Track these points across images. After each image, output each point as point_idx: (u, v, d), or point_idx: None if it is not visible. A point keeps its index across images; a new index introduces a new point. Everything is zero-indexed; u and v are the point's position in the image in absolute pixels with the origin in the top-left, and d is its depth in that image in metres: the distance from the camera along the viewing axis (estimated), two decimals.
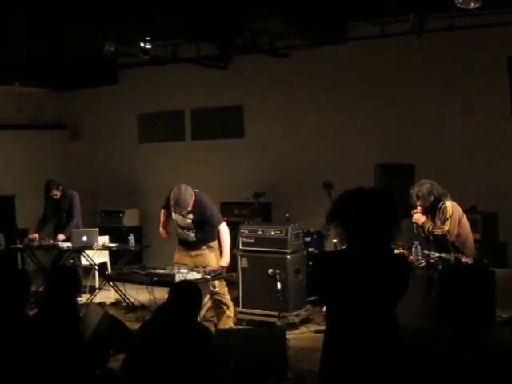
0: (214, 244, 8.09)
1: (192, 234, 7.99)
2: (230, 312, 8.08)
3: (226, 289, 8.10)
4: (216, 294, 7.90)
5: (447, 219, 7.26)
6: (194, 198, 7.77)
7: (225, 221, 8.13)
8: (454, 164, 9.75)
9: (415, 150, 9.84)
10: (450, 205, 7.31)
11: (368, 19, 9.62)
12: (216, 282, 7.91)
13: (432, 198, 7.32)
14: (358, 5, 8.94)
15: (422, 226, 7.36)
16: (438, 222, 7.32)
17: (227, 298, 8.07)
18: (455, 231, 7.31)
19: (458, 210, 7.43)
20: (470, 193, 9.32)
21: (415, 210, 7.43)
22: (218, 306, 8.02)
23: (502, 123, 9.33)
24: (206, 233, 7.99)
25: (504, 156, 9.37)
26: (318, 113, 11.06)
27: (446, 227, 7.24)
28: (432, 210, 7.40)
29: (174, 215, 8.03)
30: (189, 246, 8.04)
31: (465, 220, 7.51)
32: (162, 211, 8.37)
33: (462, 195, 9.29)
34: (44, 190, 10.19)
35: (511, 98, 8.94)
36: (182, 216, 7.91)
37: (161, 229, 8.37)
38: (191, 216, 7.87)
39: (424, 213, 7.44)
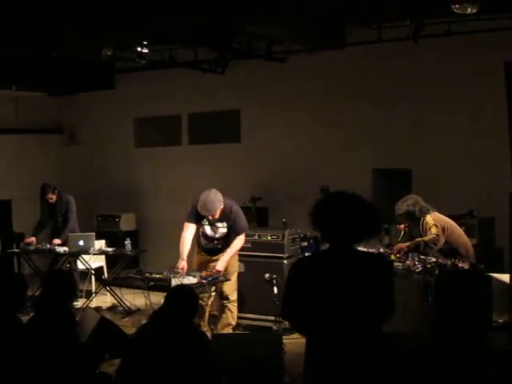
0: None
1: (219, 246, 7.90)
2: (233, 320, 8.04)
3: (236, 294, 8.05)
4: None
5: (431, 227, 7.32)
6: (222, 205, 7.58)
7: None
8: (451, 169, 9.76)
9: (412, 155, 9.85)
10: (429, 217, 7.37)
11: (365, 24, 9.63)
12: (231, 289, 7.91)
13: (409, 218, 7.40)
14: (355, 10, 8.94)
15: (416, 246, 7.41)
16: (423, 235, 7.41)
17: (235, 305, 8.03)
18: (442, 239, 7.37)
19: (442, 220, 7.49)
20: (467, 198, 9.34)
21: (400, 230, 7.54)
22: (223, 310, 7.99)
23: (499, 128, 9.33)
24: (230, 239, 7.89)
25: (501, 161, 9.36)
26: (315, 117, 11.07)
27: (434, 230, 7.28)
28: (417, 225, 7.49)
29: (202, 228, 7.80)
30: (211, 252, 7.95)
31: (454, 228, 7.56)
32: (185, 226, 7.78)
33: (458, 200, 9.33)
34: (40, 194, 10.18)
35: (508, 103, 8.93)
36: (211, 225, 7.74)
37: (181, 261, 7.60)
38: (222, 227, 7.76)
39: (409, 229, 7.55)
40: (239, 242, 7.82)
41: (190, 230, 7.80)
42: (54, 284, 5.01)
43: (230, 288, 7.93)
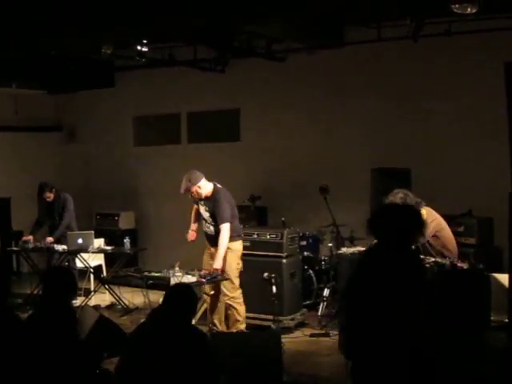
0: (233, 245, 8.01)
1: (211, 228, 7.99)
2: (240, 316, 8.01)
3: (239, 291, 8.02)
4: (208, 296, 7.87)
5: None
6: (195, 185, 7.91)
7: None
8: (450, 169, 9.77)
9: (411, 155, 9.86)
10: (424, 212, 7.28)
11: (365, 23, 9.63)
12: (228, 285, 7.90)
13: None
14: (355, 9, 8.94)
15: None
16: None
17: (238, 302, 8.00)
18: (430, 234, 7.35)
19: (434, 215, 7.45)
20: (466, 197, 9.34)
21: None
22: (228, 308, 7.99)
23: (499, 128, 9.33)
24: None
25: (500, 161, 9.36)
26: (315, 117, 11.07)
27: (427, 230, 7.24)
28: None
29: (200, 208, 8.15)
30: (210, 240, 8.05)
31: (444, 223, 7.53)
32: (194, 209, 8.42)
33: (457, 200, 9.33)
34: (37, 193, 10.19)
35: (508, 103, 8.93)
36: (202, 205, 8.07)
37: (190, 230, 8.32)
38: (207, 209, 7.98)
39: None
40: (224, 234, 7.78)
41: (194, 210, 8.39)
42: (54, 281, 5.01)
43: (228, 285, 7.92)
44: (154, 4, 7.74)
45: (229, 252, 7.93)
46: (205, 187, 7.95)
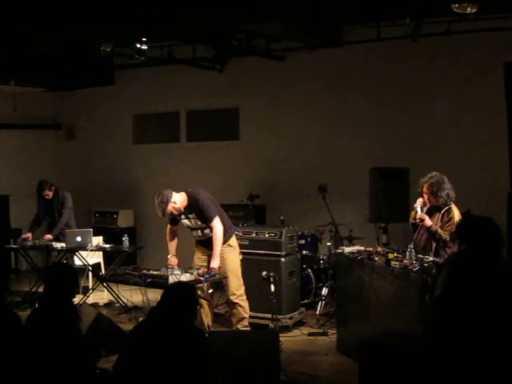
0: (232, 242, 7.97)
1: (206, 231, 7.83)
2: (246, 313, 7.98)
3: (243, 287, 7.97)
4: (205, 297, 7.80)
5: (451, 225, 7.12)
6: (171, 202, 7.68)
7: None
8: (449, 168, 9.72)
9: (410, 154, 9.86)
10: (457, 213, 7.20)
11: (364, 23, 9.63)
12: (235, 284, 7.86)
13: (444, 198, 7.20)
14: (354, 8, 8.93)
15: (429, 229, 7.19)
16: (440, 223, 7.20)
17: (243, 299, 7.94)
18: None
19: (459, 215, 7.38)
20: (465, 197, 9.32)
21: (419, 204, 7.27)
22: (233, 306, 7.96)
23: (498, 127, 9.33)
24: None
25: (499, 160, 9.37)
26: (314, 116, 11.07)
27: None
28: (435, 208, 7.28)
29: (183, 222, 7.93)
30: (206, 245, 7.87)
31: None
32: (168, 228, 8.13)
33: (457, 200, 9.31)
34: (36, 190, 10.19)
35: (507, 103, 8.93)
36: (188, 219, 7.85)
37: (170, 256, 7.96)
38: (194, 217, 7.80)
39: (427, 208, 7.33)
40: (217, 232, 7.67)
41: (168, 229, 8.12)
42: (57, 278, 5.00)
43: (236, 283, 7.88)
44: (153, 2, 7.73)
45: (230, 249, 7.90)
46: (179, 200, 7.76)
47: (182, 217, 7.88)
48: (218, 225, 7.70)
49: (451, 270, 4.90)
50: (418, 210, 7.23)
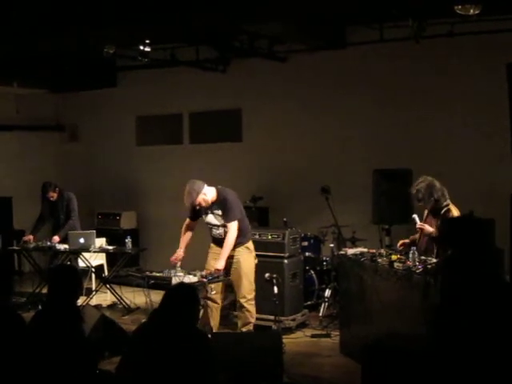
0: (251, 246, 7.96)
1: (222, 230, 7.81)
2: (252, 318, 7.95)
3: (254, 294, 7.93)
4: (209, 298, 7.78)
5: None
6: (202, 194, 7.66)
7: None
8: (452, 169, 9.75)
9: (413, 155, 9.85)
10: (456, 214, 7.17)
11: (367, 24, 9.63)
12: (248, 287, 7.84)
13: (432, 199, 7.17)
14: (356, 9, 8.93)
15: (430, 235, 7.17)
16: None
17: (252, 303, 7.91)
18: None
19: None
20: (467, 198, 9.30)
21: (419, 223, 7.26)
22: (241, 310, 7.95)
23: (500, 129, 9.34)
24: (239, 233, 7.79)
25: (501, 162, 9.38)
26: (316, 117, 11.07)
27: None
28: (432, 211, 7.26)
29: (206, 218, 7.89)
30: (221, 243, 7.81)
31: None
32: (186, 222, 8.09)
33: (459, 201, 9.29)
34: (41, 192, 10.19)
35: (510, 104, 8.94)
36: (213, 214, 7.81)
37: (178, 250, 7.92)
38: (219, 211, 7.77)
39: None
40: (231, 235, 7.66)
41: (186, 224, 8.08)
42: (61, 280, 5.01)
43: (248, 287, 7.84)
44: (156, 4, 7.74)
45: (247, 253, 7.87)
46: (209, 193, 7.76)
47: (208, 211, 7.84)
48: (234, 228, 7.69)
49: (444, 277, 4.86)
50: (416, 219, 7.23)
